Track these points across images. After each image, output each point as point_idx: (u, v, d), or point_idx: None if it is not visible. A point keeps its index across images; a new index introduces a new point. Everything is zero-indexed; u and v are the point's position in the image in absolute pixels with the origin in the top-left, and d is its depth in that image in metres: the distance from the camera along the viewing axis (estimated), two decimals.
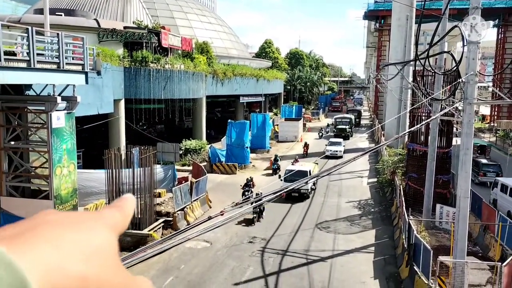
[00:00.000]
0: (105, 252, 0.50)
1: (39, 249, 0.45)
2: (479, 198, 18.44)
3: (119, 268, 0.51)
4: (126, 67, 26.50)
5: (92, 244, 0.49)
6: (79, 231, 0.50)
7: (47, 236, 0.47)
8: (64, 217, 0.51)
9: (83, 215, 0.54)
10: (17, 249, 0.44)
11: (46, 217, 0.51)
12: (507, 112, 50.16)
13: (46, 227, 0.48)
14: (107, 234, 0.53)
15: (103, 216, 0.56)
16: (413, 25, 31.41)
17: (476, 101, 12.22)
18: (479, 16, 11.37)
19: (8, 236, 0.46)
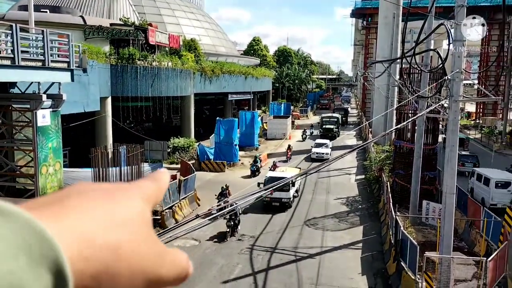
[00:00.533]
0: (138, 222, 0.48)
1: (69, 218, 0.43)
2: (465, 194, 18.69)
3: (153, 239, 0.49)
4: (112, 65, 26.25)
5: (125, 214, 0.47)
6: (112, 201, 0.48)
7: (78, 205, 0.45)
8: (96, 187, 0.50)
9: (116, 186, 0.52)
10: (47, 217, 0.42)
11: (78, 188, 0.49)
12: (492, 109, 50.89)
13: (77, 197, 0.47)
14: (141, 204, 0.51)
15: (137, 186, 0.54)
16: (399, 23, 31.67)
17: (461, 99, 12.35)
18: (464, 14, 11.50)
19: (37, 205, 0.44)
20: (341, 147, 36.18)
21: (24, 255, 0.38)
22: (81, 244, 0.42)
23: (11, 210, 0.40)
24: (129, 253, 0.45)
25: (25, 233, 0.39)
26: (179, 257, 0.52)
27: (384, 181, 21.68)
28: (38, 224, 0.40)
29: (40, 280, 0.38)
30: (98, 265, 0.42)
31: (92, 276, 0.42)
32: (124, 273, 0.44)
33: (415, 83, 19.51)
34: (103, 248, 0.43)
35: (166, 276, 0.49)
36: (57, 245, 0.40)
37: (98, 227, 0.44)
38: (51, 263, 0.39)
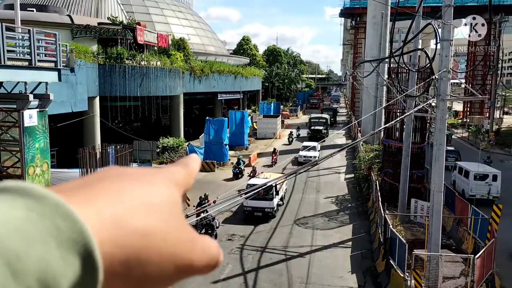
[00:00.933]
0: (169, 207, 0.47)
1: (99, 201, 0.42)
2: (452, 192, 18.89)
3: (184, 225, 0.48)
4: (100, 64, 26.03)
5: (155, 199, 0.46)
6: (142, 185, 0.47)
7: (108, 189, 0.44)
8: (126, 171, 0.48)
9: (146, 170, 0.50)
10: (76, 200, 0.41)
11: (108, 172, 0.48)
12: (479, 108, 51.52)
13: (107, 181, 0.45)
14: (172, 189, 0.49)
15: (168, 171, 0.52)
16: (388, 22, 31.87)
17: (449, 98, 12.48)
18: (451, 14, 11.62)
19: (66, 189, 0.43)
20: (330, 146, 36.33)
21: (53, 239, 0.37)
22: (111, 228, 0.41)
23: (39, 192, 0.39)
24: (159, 239, 0.44)
25: (54, 216, 0.38)
26: (210, 244, 0.51)
27: (373, 179, 21.82)
28: (67, 207, 0.39)
29: (70, 264, 0.37)
30: (128, 250, 0.41)
31: (121, 261, 0.41)
32: (154, 259, 0.43)
33: (403, 82, 19.67)
34: (134, 233, 0.42)
35: (197, 264, 0.48)
36: (86, 229, 0.39)
37: (128, 211, 0.43)
38: (81, 247, 0.38)
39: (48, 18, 26.87)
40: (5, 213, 0.36)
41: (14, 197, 0.38)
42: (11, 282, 0.34)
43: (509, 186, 22.86)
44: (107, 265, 0.40)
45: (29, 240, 0.36)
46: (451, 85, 15.50)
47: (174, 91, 32.38)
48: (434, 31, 11.51)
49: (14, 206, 0.37)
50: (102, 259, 0.39)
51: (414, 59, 18.92)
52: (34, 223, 0.37)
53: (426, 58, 13.84)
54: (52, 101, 16.06)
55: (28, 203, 0.38)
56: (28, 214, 0.37)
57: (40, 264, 0.35)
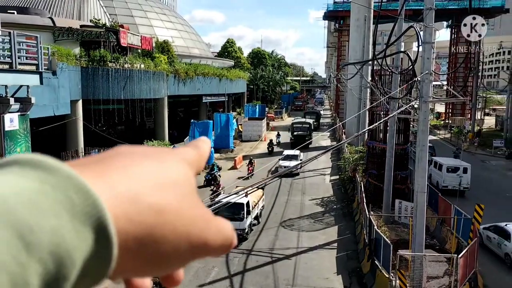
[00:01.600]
0: (183, 185, 0.46)
1: (114, 176, 0.41)
2: (436, 192, 19.15)
3: (199, 204, 0.47)
4: (83, 67, 25.73)
5: (170, 176, 0.45)
6: (156, 162, 0.45)
7: (122, 164, 0.43)
8: (140, 149, 0.47)
9: (159, 149, 0.49)
10: (91, 175, 0.40)
11: (119, 150, 0.46)
12: (461, 109, 52.36)
13: (119, 157, 0.44)
14: (185, 168, 0.48)
15: (180, 151, 0.51)
16: (371, 25, 32.20)
17: (431, 99, 12.65)
18: (433, 17, 11.79)
19: (80, 163, 0.42)
20: (315, 148, 36.50)
21: (67, 212, 0.36)
22: (125, 203, 0.40)
23: (53, 164, 0.38)
24: (174, 216, 0.42)
25: (68, 189, 0.37)
26: (224, 225, 0.49)
27: (358, 181, 21.98)
28: (81, 181, 0.38)
29: (83, 238, 0.37)
30: (142, 226, 0.40)
31: (136, 238, 0.40)
32: (169, 237, 0.42)
33: (387, 84, 19.88)
34: (148, 209, 0.41)
35: (211, 243, 0.46)
36: (101, 203, 0.38)
37: (143, 187, 0.42)
38: (95, 221, 0.37)
39: (29, 20, 26.46)
40: (18, 184, 0.35)
41: (26, 169, 0.37)
42: (23, 254, 0.33)
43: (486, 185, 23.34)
44: (121, 241, 0.39)
45: (42, 212, 0.35)
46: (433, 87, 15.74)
47: (159, 94, 32.17)
48: (416, 34, 11.67)
49: (26, 178, 0.36)
50: (117, 234, 0.38)
51: (397, 61, 19.15)
52: (47, 195, 0.36)
53: (409, 60, 14.02)
54: (34, 104, 15.80)
55: (40, 175, 0.37)
56: (41, 186, 0.36)
57: (53, 237, 0.35)
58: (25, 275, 0.33)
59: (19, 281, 0.32)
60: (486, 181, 26.25)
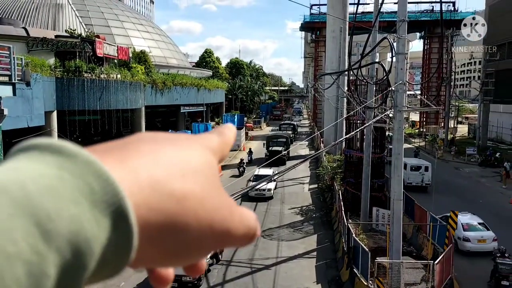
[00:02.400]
0: (206, 172, 0.44)
1: (134, 162, 0.39)
2: (411, 200, 19.48)
3: (222, 192, 0.45)
4: (58, 78, 25.33)
5: (192, 162, 0.43)
6: (178, 148, 0.44)
7: (142, 151, 0.41)
8: (160, 135, 0.46)
9: (181, 135, 0.48)
10: (111, 160, 0.38)
11: (140, 136, 0.45)
12: (435, 118, 53.56)
13: (140, 143, 0.42)
14: (208, 154, 0.47)
15: (203, 138, 0.49)
16: (346, 36, 32.76)
17: (405, 109, 12.93)
18: (405, 29, 12.10)
19: (100, 149, 0.40)
20: (294, 157, 36.69)
21: (86, 200, 0.34)
22: (146, 190, 0.38)
23: (72, 150, 0.36)
24: (197, 204, 0.41)
25: (87, 175, 0.35)
26: (248, 214, 0.47)
27: (336, 189, 22.17)
28: (101, 167, 0.36)
29: (103, 227, 0.35)
30: (164, 214, 0.39)
31: (157, 226, 0.38)
32: (191, 226, 0.40)
33: (362, 94, 20.22)
34: (170, 196, 0.39)
35: (234, 233, 0.44)
36: (121, 190, 0.36)
37: (165, 173, 0.40)
38: (115, 209, 0.35)
39: (2, 31, 25.93)
40: (36, 170, 0.34)
41: (44, 155, 0.35)
42: (40, 243, 0.31)
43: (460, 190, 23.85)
44: (142, 229, 0.37)
45: (60, 199, 0.33)
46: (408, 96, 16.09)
47: (135, 104, 31.88)
48: (390, 45, 11.94)
49: (45, 163, 0.35)
50: (138, 223, 0.37)
51: (372, 71, 19.52)
52: (65, 182, 0.34)
53: (383, 70, 14.32)
54: (7, 116, 15.46)
55: (59, 161, 0.35)
56: (60, 173, 0.34)
57: (71, 225, 0.33)
58: (42, 265, 0.31)
59: (35, 271, 0.31)
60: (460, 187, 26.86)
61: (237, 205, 0.47)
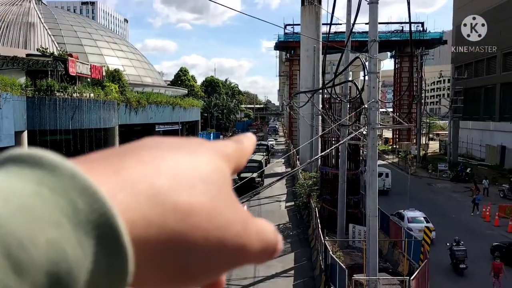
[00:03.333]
0: (217, 182, 0.38)
1: (131, 172, 0.33)
2: (387, 216, 19.69)
3: (235, 204, 0.39)
4: (29, 97, 24.81)
5: (201, 170, 0.37)
6: (186, 155, 0.38)
7: (143, 158, 0.35)
8: (167, 140, 0.40)
9: (191, 140, 0.42)
10: (103, 171, 0.33)
11: (145, 141, 0.39)
12: (407, 135, 54.73)
13: (145, 149, 0.37)
14: (221, 162, 0.40)
15: (217, 143, 0.43)
16: (320, 55, 33.37)
17: (378, 126, 13.16)
18: (377, 48, 12.40)
19: (92, 158, 0.35)
20: (270, 175, 36.70)
21: (68, 221, 0.29)
22: (146, 204, 0.32)
23: (53, 161, 0.30)
24: (206, 218, 0.35)
25: (70, 191, 0.29)
26: (265, 227, 0.42)
27: (312, 207, 22.21)
28: (87, 181, 0.30)
29: (90, 252, 0.29)
30: (167, 232, 0.33)
31: (159, 246, 0.32)
32: (200, 244, 0.34)
33: (337, 112, 20.52)
34: (174, 210, 0.33)
35: (250, 249, 0.38)
36: (110, 207, 0.30)
37: (168, 183, 0.34)
38: (104, 230, 0.30)
39: None
40: (9, 187, 0.28)
41: (22, 168, 0.29)
42: (11, 277, 0.26)
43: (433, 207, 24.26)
44: (140, 251, 0.31)
45: (36, 222, 0.27)
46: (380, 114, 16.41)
47: (109, 124, 31.43)
48: (362, 64, 12.19)
49: (21, 178, 0.29)
50: (133, 244, 0.31)
51: (346, 90, 19.86)
52: (44, 200, 0.28)
53: (356, 89, 14.59)
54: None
55: (38, 174, 0.29)
56: (38, 189, 0.29)
57: (50, 253, 0.27)
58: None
59: None
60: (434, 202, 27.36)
61: (253, 217, 0.41)
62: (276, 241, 0.42)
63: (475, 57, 43.01)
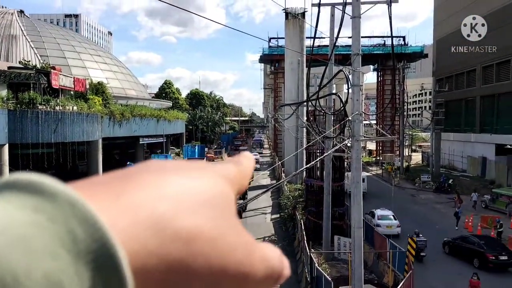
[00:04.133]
0: (220, 205, 0.37)
1: (133, 199, 0.32)
2: (371, 227, 19.79)
3: (238, 228, 0.38)
4: (10, 110, 24.46)
5: (204, 194, 0.37)
6: (189, 179, 0.37)
7: (146, 182, 0.34)
8: (170, 164, 0.39)
9: (194, 163, 0.41)
10: (102, 197, 0.32)
11: (147, 165, 0.38)
12: (390, 146, 55.37)
13: (147, 173, 0.36)
14: (224, 185, 0.40)
15: (220, 167, 0.43)
16: (304, 68, 33.71)
17: (362, 138, 13.30)
18: (360, 62, 12.59)
19: (93, 183, 0.34)
20: (255, 187, 36.62)
21: (67, 251, 0.27)
22: (147, 233, 0.31)
23: (52, 188, 0.29)
24: (208, 245, 0.34)
25: (69, 219, 0.28)
26: (271, 253, 0.41)
27: (298, 219, 22.21)
28: (86, 208, 0.29)
29: (89, 284, 0.28)
30: (169, 260, 0.32)
31: (160, 276, 0.31)
32: (202, 272, 0.33)
33: (321, 124, 20.68)
34: (176, 237, 0.32)
35: (254, 277, 0.37)
36: (111, 237, 0.29)
37: (170, 208, 0.33)
38: (104, 260, 0.28)
39: None
40: (5, 216, 0.27)
41: (20, 195, 0.28)
42: None
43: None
44: (140, 281, 0.30)
45: (33, 253, 0.26)
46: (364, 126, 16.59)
47: (92, 137, 31.09)
48: (346, 77, 12.35)
49: (18, 206, 0.28)
50: (134, 274, 0.30)
51: (330, 102, 20.08)
52: (41, 229, 0.27)
53: (340, 101, 14.75)
54: None
55: (37, 202, 0.28)
56: (35, 218, 0.27)
57: (47, 286, 0.26)
58: None
59: None
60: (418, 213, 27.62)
61: (258, 242, 0.40)
62: (281, 267, 0.41)
63: (456, 70, 43.97)
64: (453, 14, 42.94)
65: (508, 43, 34.23)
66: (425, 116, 55.86)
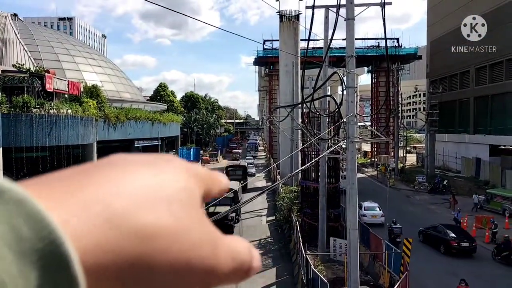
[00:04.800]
0: (184, 200, 0.36)
1: (88, 194, 0.31)
2: (367, 229, 19.83)
3: (203, 223, 0.37)
4: (4, 114, 24.33)
5: (167, 188, 0.35)
6: (151, 172, 0.36)
7: (104, 177, 0.33)
8: (134, 158, 0.38)
9: (159, 156, 0.40)
10: (55, 194, 0.30)
11: (113, 158, 0.37)
12: (385, 148, 55.58)
13: (109, 168, 0.35)
14: (189, 179, 0.38)
15: (187, 163, 0.41)
16: (299, 70, 33.78)
17: (357, 140, 13.33)
18: (354, 64, 12.64)
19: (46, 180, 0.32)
20: (251, 189, 36.63)
21: (11, 251, 0.26)
22: (101, 229, 0.30)
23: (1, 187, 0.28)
24: (169, 240, 0.33)
25: (14, 217, 0.27)
26: (238, 245, 0.40)
27: (293, 221, 22.22)
28: (35, 206, 0.28)
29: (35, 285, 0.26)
30: (125, 257, 0.30)
31: (116, 274, 0.30)
32: (163, 268, 0.32)
33: (316, 126, 20.72)
34: (133, 233, 0.31)
35: (221, 271, 0.36)
36: (60, 234, 0.27)
37: (128, 204, 0.32)
38: (51, 260, 0.27)
39: None
40: None
41: None
42: None
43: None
44: (94, 279, 0.29)
45: None
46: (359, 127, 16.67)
47: (87, 140, 30.98)
48: (340, 79, 12.39)
49: None
50: (87, 272, 0.28)
51: (324, 104, 20.12)
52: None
53: (335, 103, 14.80)
54: None
55: None
56: None
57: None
58: None
59: None
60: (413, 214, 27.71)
61: (224, 236, 0.39)
62: (250, 259, 0.40)
63: (449, 71, 44.21)
64: (446, 16, 43.23)
65: (500, 45, 34.48)
66: (420, 117, 56.08)
